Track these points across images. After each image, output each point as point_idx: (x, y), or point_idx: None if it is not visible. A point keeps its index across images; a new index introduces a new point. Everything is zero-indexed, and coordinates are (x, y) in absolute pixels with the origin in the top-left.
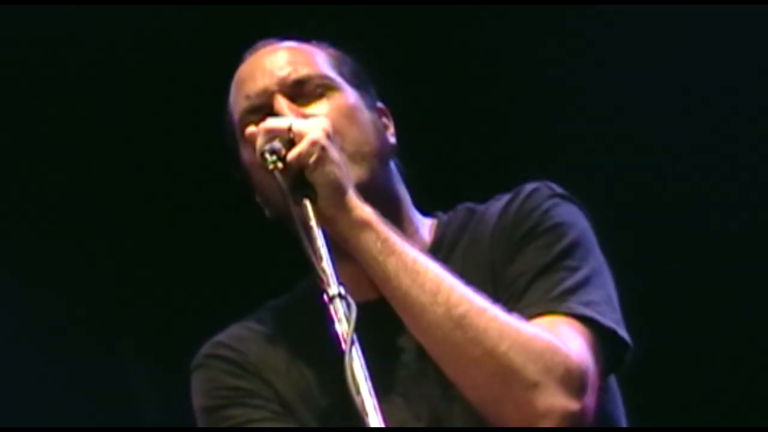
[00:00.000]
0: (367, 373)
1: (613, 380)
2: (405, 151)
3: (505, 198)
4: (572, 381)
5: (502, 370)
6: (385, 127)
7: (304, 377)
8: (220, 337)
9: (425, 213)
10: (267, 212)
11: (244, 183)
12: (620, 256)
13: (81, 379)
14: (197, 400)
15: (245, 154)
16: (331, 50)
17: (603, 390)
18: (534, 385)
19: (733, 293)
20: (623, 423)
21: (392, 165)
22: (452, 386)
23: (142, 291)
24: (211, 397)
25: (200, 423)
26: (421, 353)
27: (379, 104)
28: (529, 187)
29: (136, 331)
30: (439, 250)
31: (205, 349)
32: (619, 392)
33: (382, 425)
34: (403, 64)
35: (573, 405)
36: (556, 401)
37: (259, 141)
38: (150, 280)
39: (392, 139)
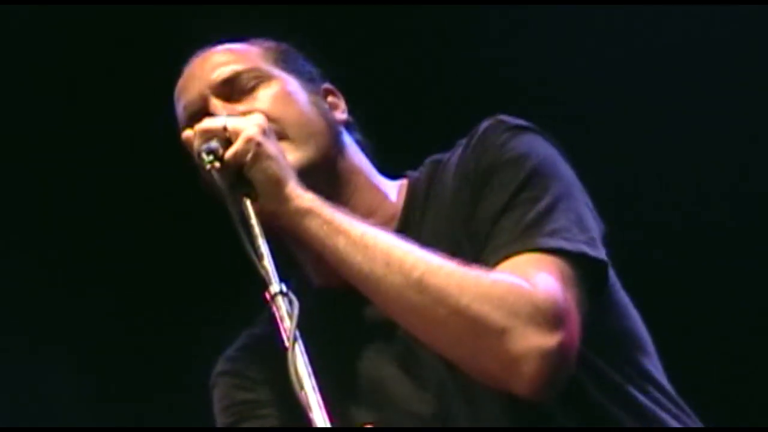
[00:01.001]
0: (310, 369)
1: (621, 294)
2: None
3: (463, 142)
4: (542, 317)
5: (470, 324)
6: (333, 106)
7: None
8: (229, 350)
9: (396, 176)
10: None
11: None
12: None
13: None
14: (218, 420)
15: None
16: (266, 43)
17: (607, 307)
18: (503, 331)
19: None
20: (643, 335)
21: (345, 139)
22: None
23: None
24: (226, 415)
25: None
26: None
27: (326, 85)
28: (483, 125)
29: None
30: (413, 209)
31: (217, 365)
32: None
33: (327, 421)
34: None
35: (548, 340)
36: (530, 341)
37: (196, 142)
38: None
39: (342, 116)
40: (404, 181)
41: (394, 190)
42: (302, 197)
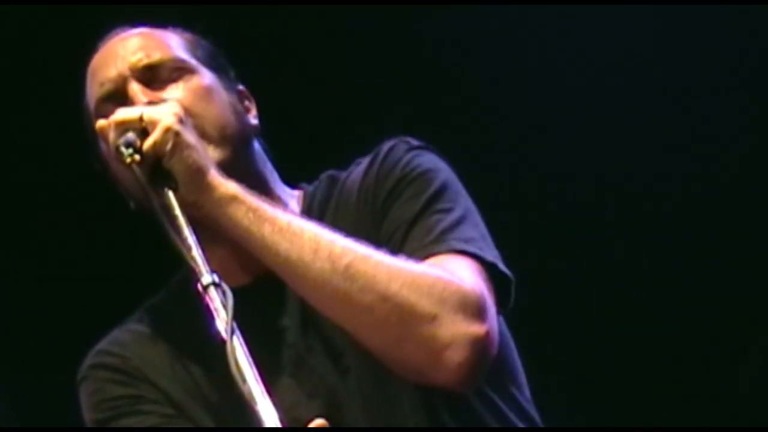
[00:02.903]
0: (251, 360)
1: (502, 323)
2: (274, 127)
3: (366, 161)
4: (469, 306)
5: (398, 310)
6: (247, 110)
7: (189, 374)
8: (101, 344)
9: (292, 185)
10: (131, 204)
11: (105, 175)
12: (502, 238)
13: None
14: (87, 415)
15: (102, 147)
16: (186, 34)
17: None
18: (432, 318)
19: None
20: (519, 367)
21: (256, 144)
22: (343, 357)
23: None
24: (99, 410)
25: None
26: (306, 329)
27: (240, 87)
28: (386, 145)
29: None
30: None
31: (88, 359)
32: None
33: (273, 411)
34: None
35: (475, 329)
36: (458, 328)
37: (112, 135)
38: None
39: (254, 121)
40: (300, 192)
41: (293, 200)
42: (225, 185)
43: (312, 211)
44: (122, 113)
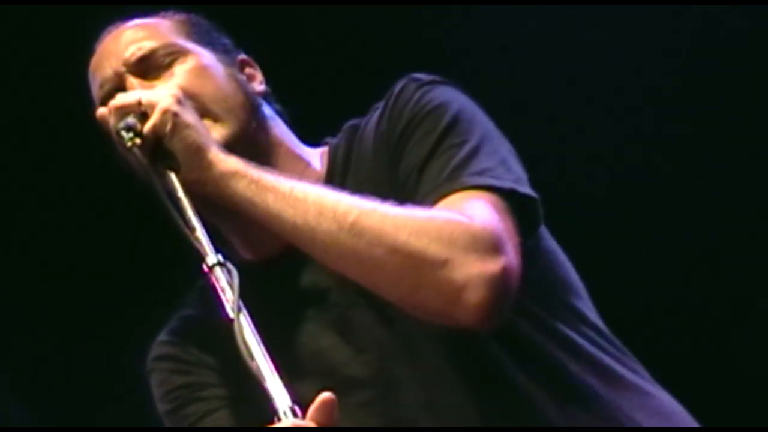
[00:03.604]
0: (258, 338)
1: (550, 241)
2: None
3: (380, 105)
4: (481, 244)
5: (409, 260)
6: (250, 77)
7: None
8: (161, 335)
9: (317, 143)
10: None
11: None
12: None
13: None
14: (158, 407)
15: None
16: (177, 16)
17: (538, 254)
18: (444, 262)
19: None
20: (575, 280)
21: (265, 111)
22: (386, 307)
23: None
24: (165, 401)
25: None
26: (345, 286)
27: (241, 56)
28: (397, 86)
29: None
30: (333, 176)
31: (152, 351)
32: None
33: (281, 386)
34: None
35: (490, 266)
36: (471, 269)
37: (112, 120)
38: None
39: (260, 87)
40: (325, 149)
41: (316, 158)
42: (226, 161)
43: (336, 165)
44: (121, 99)
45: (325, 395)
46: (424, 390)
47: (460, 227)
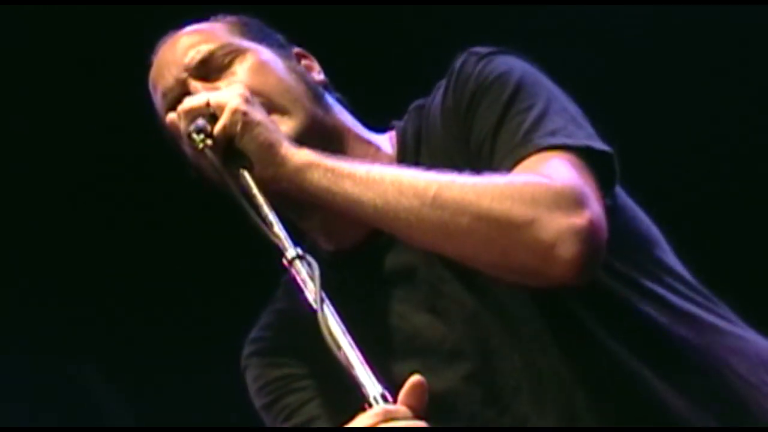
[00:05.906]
0: (343, 327)
1: (626, 198)
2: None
3: (443, 83)
4: (564, 201)
5: (495, 224)
6: (308, 68)
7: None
8: (254, 332)
9: (384, 129)
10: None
11: (202, 180)
12: None
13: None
14: (255, 402)
15: (185, 147)
16: (228, 18)
17: (620, 209)
18: (531, 222)
19: None
20: (655, 233)
21: (328, 98)
22: (476, 277)
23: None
24: (261, 395)
25: (266, 422)
26: (432, 262)
27: (296, 49)
28: (458, 62)
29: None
30: (405, 155)
31: (245, 348)
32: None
33: (370, 374)
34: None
35: (577, 220)
36: (559, 225)
37: (182, 124)
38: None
39: (319, 76)
40: (392, 132)
41: (385, 141)
42: (298, 154)
43: (407, 145)
44: (189, 102)
45: (415, 378)
46: (522, 355)
47: (541, 187)
